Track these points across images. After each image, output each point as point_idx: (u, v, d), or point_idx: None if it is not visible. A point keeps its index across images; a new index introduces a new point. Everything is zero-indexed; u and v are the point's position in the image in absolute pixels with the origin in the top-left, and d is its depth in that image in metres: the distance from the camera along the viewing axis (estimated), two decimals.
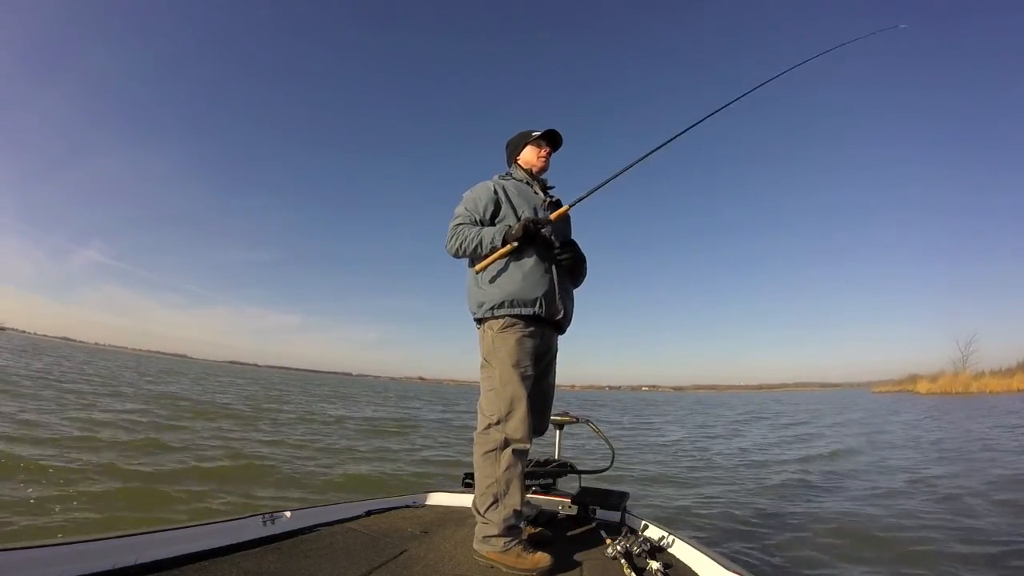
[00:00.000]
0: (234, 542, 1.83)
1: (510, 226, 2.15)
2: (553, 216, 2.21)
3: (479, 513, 2.03)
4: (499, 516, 1.97)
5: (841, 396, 60.21)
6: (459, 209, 2.27)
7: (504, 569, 1.90)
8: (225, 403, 15.27)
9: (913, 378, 57.49)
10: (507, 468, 1.99)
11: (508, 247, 2.11)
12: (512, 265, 2.13)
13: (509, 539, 1.95)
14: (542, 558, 1.90)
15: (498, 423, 2.05)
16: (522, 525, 2.14)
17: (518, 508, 1.98)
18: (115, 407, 10.70)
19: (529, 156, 2.41)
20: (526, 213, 2.22)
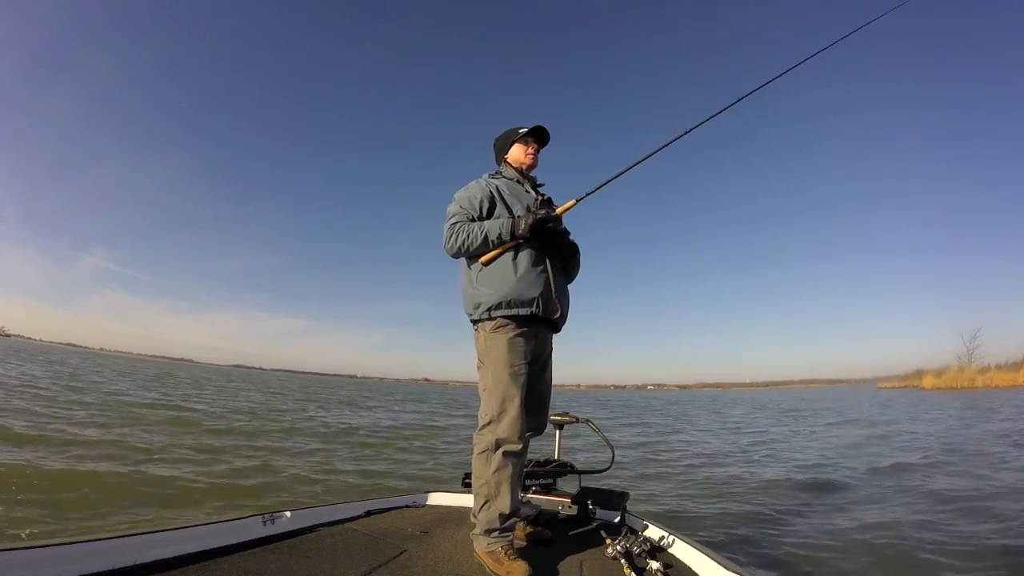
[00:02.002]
0: (234, 542, 1.84)
1: (518, 217, 2.12)
2: (559, 211, 2.19)
3: (473, 513, 2.06)
4: (486, 517, 1.98)
5: (852, 392, 59.53)
6: (453, 208, 2.23)
7: (487, 570, 1.90)
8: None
9: (918, 373, 56.99)
10: (497, 470, 1.99)
11: (514, 242, 2.10)
12: (508, 264, 2.10)
13: (493, 540, 1.95)
14: (519, 567, 1.85)
15: (490, 424, 2.05)
16: (517, 527, 2.14)
17: (506, 511, 1.97)
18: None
19: (517, 154, 2.38)
20: (519, 212, 2.19)
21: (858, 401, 32.30)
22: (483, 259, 2.12)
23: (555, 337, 2.35)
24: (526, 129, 2.35)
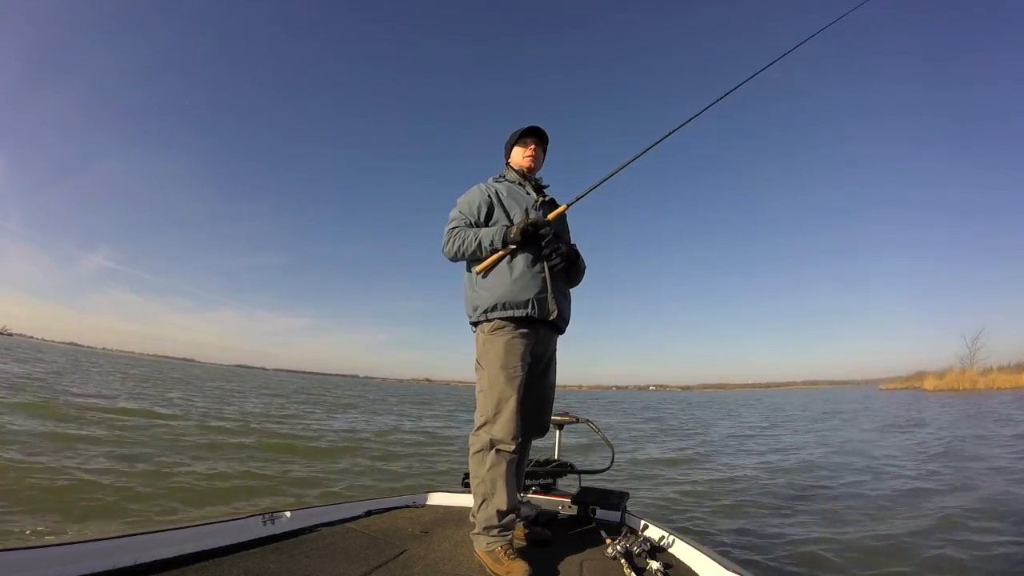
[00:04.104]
0: (234, 542, 1.84)
1: (508, 226, 2.14)
2: (551, 216, 2.20)
3: (472, 513, 2.08)
4: (483, 515, 1.99)
5: (854, 394, 59.28)
6: (453, 213, 2.27)
7: (487, 570, 1.90)
8: None
9: (920, 375, 57.06)
10: (491, 467, 2.00)
11: (507, 250, 2.12)
12: (504, 267, 2.12)
13: (492, 540, 1.95)
14: (518, 567, 1.83)
15: (485, 424, 2.06)
16: (516, 528, 2.14)
17: (503, 508, 1.98)
18: None
19: (517, 156, 2.40)
20: (517, 214, 2.21)
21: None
22: (477, 268, 2.15)
23: (558, 338, 2.35)
24: (522, 130, 2.37)
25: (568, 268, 2.24)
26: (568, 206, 2.27)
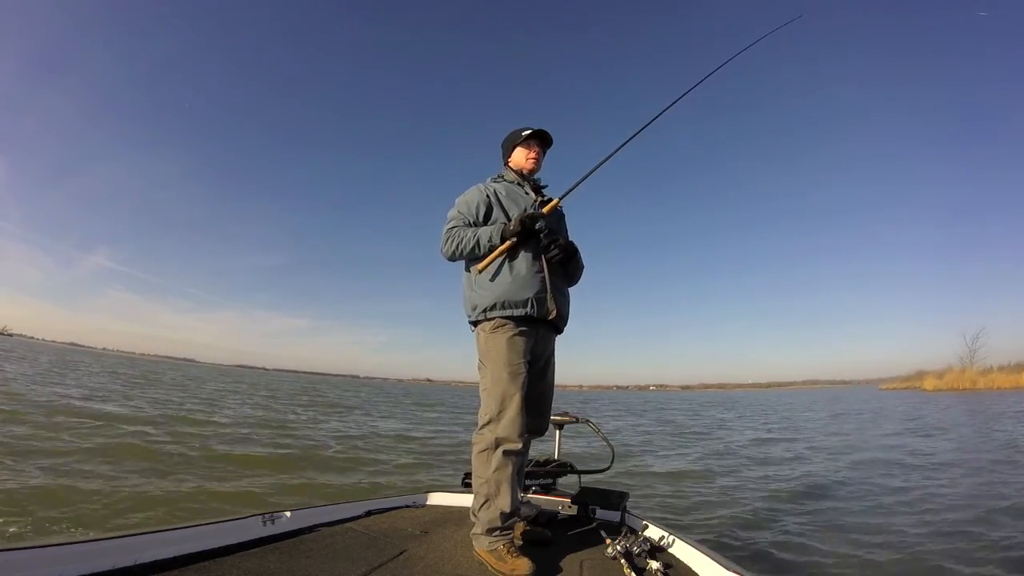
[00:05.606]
0: (234, 542, 1.84)
1: (506, 222, 2.16)
2: (545, 209, 2.21)
3: (473, 512, 2.07)
4: (486, 516, 2.00)
5: (857, 393, 59.15)
6: (452, 212, 2.28)
7: (489, 568, 1.91)
8: None
9: (920, 375, 57.07)
10: (497, 469, 2.00)
11: (507, 244, 2.12)
12: (503, 266, 2.14)
13: (494, 539, 1.96)
14: (522, 564, 1.86)
15: (490, 423, 2.06)
16: (516, 526, 2.15)
17: (506, 510, 1.98)
18: None
19: (518, 158, 2.40)
20: (516, 214, 2.21)
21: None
22: (478, 267, 2.16)
23: (557, 338, 2.35)
24: (528, 132, 2.37)
25: (566, 261, 2.25)
26: (560, 199, 2.28)
